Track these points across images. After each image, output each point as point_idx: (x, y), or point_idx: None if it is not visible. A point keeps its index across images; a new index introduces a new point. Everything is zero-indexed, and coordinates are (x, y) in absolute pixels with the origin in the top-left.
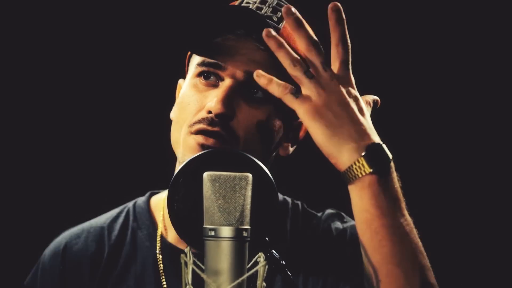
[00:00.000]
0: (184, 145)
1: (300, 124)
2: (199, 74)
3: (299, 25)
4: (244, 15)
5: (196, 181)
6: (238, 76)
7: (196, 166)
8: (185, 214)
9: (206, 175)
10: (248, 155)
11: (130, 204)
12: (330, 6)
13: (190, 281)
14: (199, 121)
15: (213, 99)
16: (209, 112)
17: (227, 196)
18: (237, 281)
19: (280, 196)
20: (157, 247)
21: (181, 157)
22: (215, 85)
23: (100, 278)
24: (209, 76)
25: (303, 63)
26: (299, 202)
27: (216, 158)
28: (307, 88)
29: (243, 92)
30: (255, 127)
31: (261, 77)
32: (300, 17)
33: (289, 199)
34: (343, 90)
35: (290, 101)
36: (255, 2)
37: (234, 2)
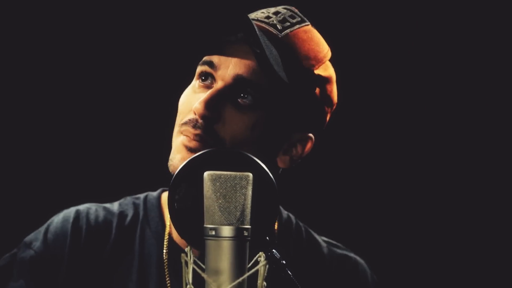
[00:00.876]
0: (174, 145)
1: (304, 138)
2: (199, 76)
3: None
4: (243, 18)
5: (196, 180)
6: (227, 78)
7: (196, 166)
8: (186, 213)
9: (206, 174)
10: (249, 155)
11: (141, 197)
12: None
13: (190, 281)
14: (186, 123)
15: (199, 100)
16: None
17: (228, 196)
18: (238, 280)
19: (284, 213)
20: (164, 247)
21: (170, 157)
22: (210, 87)
23: (105, 263)
24: (207, 77)
25: None
26: (302, 225)
27: (217, 157)
28: None
29: (232, 96)
30: (241, 131)
31: None
32: None
33: (293, 218)
34: None
35: None
36: (269, 12)
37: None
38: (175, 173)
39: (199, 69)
